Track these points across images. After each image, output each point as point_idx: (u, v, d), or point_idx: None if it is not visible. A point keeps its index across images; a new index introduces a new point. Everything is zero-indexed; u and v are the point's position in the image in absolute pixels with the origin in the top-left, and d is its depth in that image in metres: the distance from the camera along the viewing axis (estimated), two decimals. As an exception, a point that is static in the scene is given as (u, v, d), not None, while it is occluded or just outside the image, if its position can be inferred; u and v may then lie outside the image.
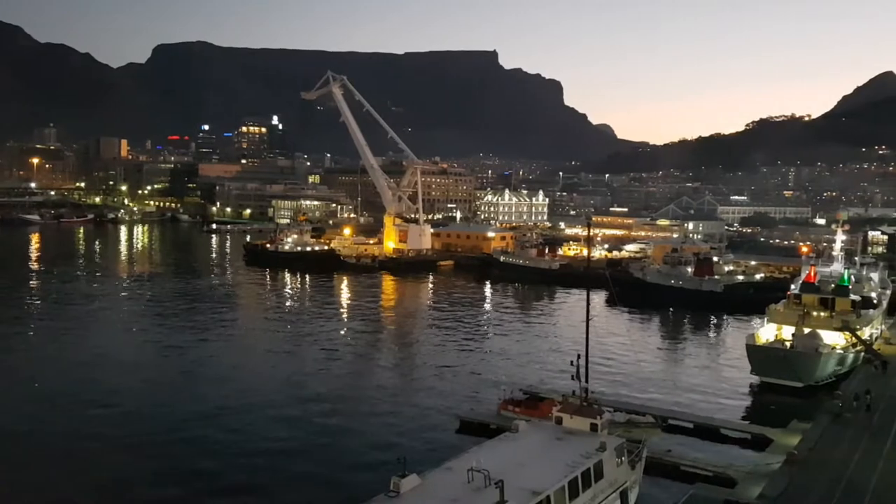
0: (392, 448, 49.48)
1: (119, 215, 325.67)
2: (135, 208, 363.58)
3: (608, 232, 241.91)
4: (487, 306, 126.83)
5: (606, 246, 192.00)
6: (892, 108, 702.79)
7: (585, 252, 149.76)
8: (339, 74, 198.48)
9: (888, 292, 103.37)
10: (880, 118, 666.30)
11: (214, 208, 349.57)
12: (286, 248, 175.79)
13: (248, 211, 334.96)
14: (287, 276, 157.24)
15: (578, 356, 45.49)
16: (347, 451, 51.54)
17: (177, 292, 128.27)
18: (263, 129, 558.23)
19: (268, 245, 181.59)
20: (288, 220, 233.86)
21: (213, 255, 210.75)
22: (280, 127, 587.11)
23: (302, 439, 53.92)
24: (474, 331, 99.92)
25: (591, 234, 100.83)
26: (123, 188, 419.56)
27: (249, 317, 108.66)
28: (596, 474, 36.05)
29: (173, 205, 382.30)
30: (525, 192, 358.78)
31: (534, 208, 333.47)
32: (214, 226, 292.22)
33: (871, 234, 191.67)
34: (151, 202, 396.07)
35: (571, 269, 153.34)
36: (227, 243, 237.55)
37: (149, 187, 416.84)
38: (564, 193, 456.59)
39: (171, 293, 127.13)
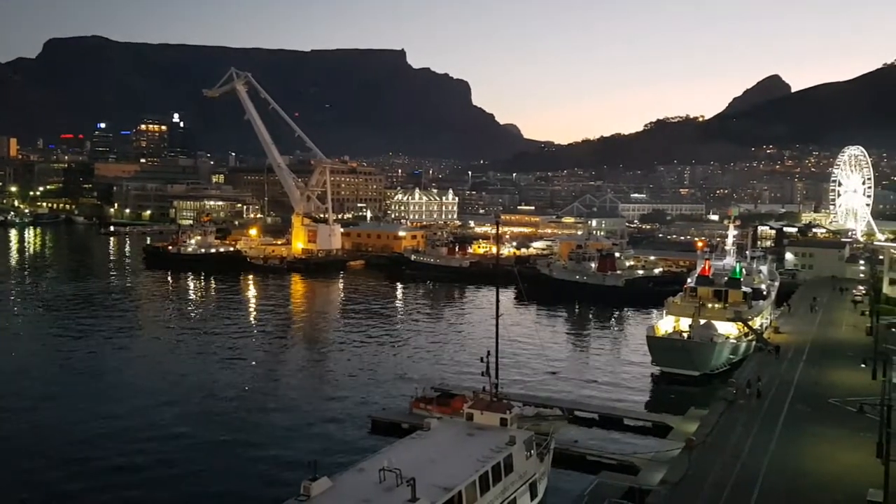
0: (303, 452, 49.03)
1: (8, 218, 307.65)
2: (26, 210, 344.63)
3: (516, 230, 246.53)
4: (399, 305, 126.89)
5: (515, 243, 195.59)
6: (778, 110, 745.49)
7: (495, 250, 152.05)
8: (243, 71, 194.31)
9: (776, 284, 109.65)
10: (767, 119, 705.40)
11: (112, 209, 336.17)
12: (189, 249, 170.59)
13: (147, 212, 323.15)
14: (190, 278, 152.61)
15: (489, 353, 46.28)
16: (257, 457, 50.59)
17: (72, 297, 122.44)
18: (163, 127, 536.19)
19: (169, 247, 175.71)
20: (191, 221, 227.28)
21: (111, 258, 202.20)
22: (181, 125, 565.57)
23: (209, 446, 52.62)
24: (386, 330, 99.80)
25: (500, 232, 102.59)
26: (13, 189, 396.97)
27: (150, 322, 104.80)
28: (506, 468, 36.81)
29: (68, 206, 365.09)
30: (435, 191, 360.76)
31: (444, 207, 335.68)
32: (112, 228, 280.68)
33: (760, 229, 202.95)
34: (44, 204, 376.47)
35: (481, 267, 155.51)
36: (126, 246, 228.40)
37: (41, 188, 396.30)
38: (473, 192, 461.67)
39: (65, 298, 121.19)
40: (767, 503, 37.10)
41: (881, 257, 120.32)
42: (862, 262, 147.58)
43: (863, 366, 63.46)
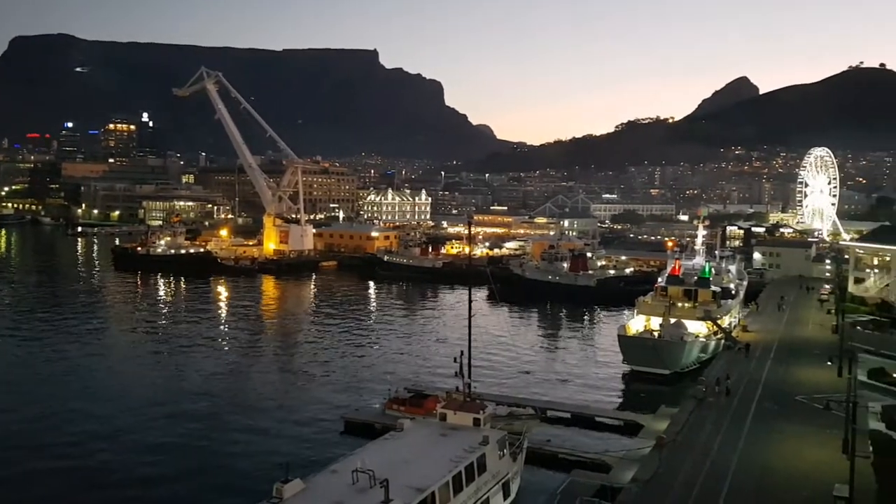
0: (276, 454, 48.70)
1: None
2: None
3: (489, 230, 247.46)
4: (372, 306, 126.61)
5: (487, 244, 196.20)
6: (746, 111, 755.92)
7: (467, 250, 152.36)
8: (214, 70, 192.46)
9: (745, 283, 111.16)
10: (735, 120, 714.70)
11: (80, 210, 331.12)
12: (158, 250, 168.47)
13: (116, 212, 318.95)
14: (160, 280, 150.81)
15: (462, 353, 46.40)
16: (230, 459, 50.19)
17: (39, 299, 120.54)
18: (132, 127, 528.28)
19: (138, 248, 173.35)
20: (160, 222, 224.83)
21: (79, 260, 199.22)
22: (150, 124, 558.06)
23: (179, 448, 52.04)
24: (358, 331, 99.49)
25: (473, 232, 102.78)
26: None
27: (119, 324, 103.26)
28: (479, 468, 36.93)
29: (34, 207, 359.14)
30: (408, 191, 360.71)
31: (417, 207, 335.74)
32: (80, 228, 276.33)
33: (728, 229, 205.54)
34: (9, 204, 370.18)
35: (454, 267, 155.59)
36: (95, 247, 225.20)
37: (6, 188, 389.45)
38: (446, 192, 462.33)
39: (32, 300, 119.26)
40: (736, 500, 37.58)
41: (846, 257, 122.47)
42: (828, 261, 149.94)
43: (829, 363, 64.62)
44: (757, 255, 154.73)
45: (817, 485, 38.70)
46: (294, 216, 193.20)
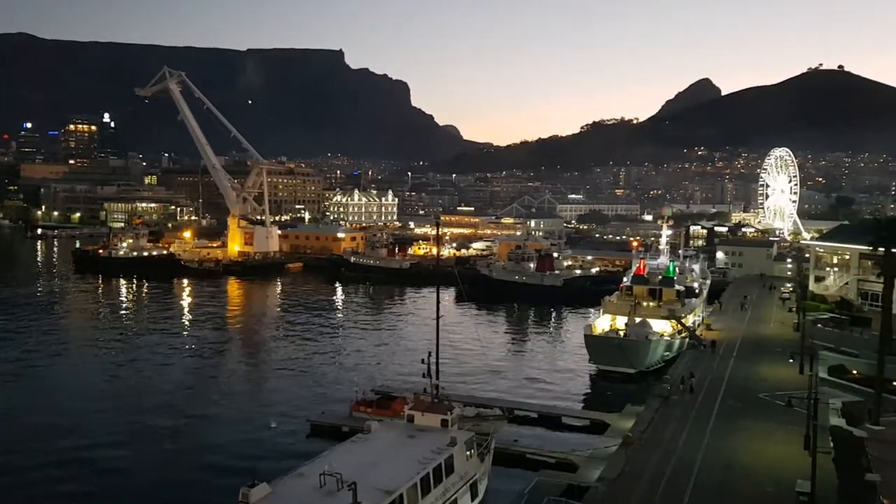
0: (242, 458, 48.13)
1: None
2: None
3: (456, 231, 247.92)
4: (338, 308, 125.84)
5: (455, 244, 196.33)
6: (708, 113, 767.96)
7: (435, 251, 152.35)
8: (177, 70, 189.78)
9: (708, 282, 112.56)
10: (698, 121, 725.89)
11: (39, 212, 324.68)
12: (120, 253, 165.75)
13: (77, 214, 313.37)
14: (122, 283, 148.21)
15: (430, 354, 46.27)
16: (193, 464, 49.46)
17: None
18: (93, 127, 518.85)
19: (100, 251, 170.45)
20: (122, 224, 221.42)
21: (39, 263, 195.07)
22: (112, 125, 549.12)
23: (143, 453, 51.13)
24: (325, 333, 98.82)
25: (440, 233, 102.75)
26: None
27: (81, 329, 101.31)
28: (447, 469, 36.86)
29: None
30: (374, 192, 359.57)
31: (383, 208, 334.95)
32: (40, 231, 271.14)
33: (692, 228, 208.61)
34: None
35: (421, 268, 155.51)
36: (55, 249, 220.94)
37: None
38: (413, 193, 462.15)
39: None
40: (701, 496, 38.00)
41: (807, 255, 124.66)
42: (789, 260, 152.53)
43: (791, 361, 65.60)
44: (720, 255, 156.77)
45: (780, 480, 39.26)
46: (259, 217, 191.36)
